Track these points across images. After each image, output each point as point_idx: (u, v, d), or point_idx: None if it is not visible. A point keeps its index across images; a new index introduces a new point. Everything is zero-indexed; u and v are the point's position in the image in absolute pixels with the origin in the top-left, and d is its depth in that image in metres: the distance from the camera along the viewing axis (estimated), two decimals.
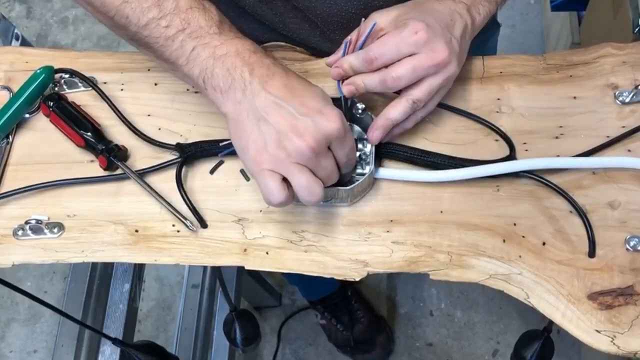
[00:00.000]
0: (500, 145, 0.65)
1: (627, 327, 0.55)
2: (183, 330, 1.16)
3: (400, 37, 0.58)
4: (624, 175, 0.62)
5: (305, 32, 0.73)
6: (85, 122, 0.66)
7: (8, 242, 0.63)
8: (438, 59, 0.58)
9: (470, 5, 0.63)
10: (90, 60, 0.73)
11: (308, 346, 1.55)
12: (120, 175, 0.65)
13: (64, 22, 2.04)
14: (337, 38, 0.72)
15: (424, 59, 0.57)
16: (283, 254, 0.61)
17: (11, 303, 1.63)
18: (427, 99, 0.60)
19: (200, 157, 0.66)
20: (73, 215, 0.64)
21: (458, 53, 0.60)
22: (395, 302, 1.58)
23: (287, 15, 0.71)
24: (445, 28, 0.59)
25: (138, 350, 0.73)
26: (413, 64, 0.58)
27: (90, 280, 0.97)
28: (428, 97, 0.60)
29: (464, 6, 0.62)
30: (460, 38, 0.61)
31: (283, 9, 0.71)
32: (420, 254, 0.60)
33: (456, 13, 0.61)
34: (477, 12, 0.63)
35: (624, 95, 0.66)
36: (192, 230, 0.61)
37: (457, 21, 0.61)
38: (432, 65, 0.58)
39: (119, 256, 0.62)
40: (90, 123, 0.66)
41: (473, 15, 0.62)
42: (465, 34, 0.61)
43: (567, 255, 0.59)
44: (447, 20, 0.60)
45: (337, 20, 0.70)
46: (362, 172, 0.61)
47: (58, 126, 0.67)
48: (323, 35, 0.72)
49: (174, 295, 1.61)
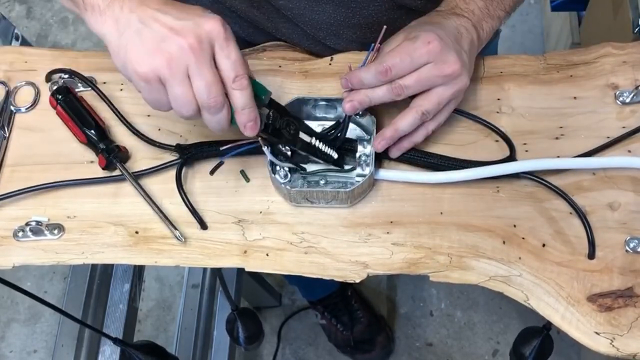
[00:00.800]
0: (501, 145, 0.65)
1: (626, 329, 0.55)
2: (183, 330, 1.16)
3: (413, 47, 0.58)
4: (623, 177, 0.62)
5: (297, 36, 0.73)
6: (90, 119, 0.66)
7: (8, 244, 0.63)
8: (449, 70, 0.58)
9: (475, 22, 0.63)
10: (89, 60, 0.73)
11: (308, 346, 1.55)
12: (119, 177, 0.65)
13: (64, 22, 2.04)
14: (330, 44, 0.71)
15: (432, 68, 0.58)
16: (283, 255, 0.61)
17: (11, 303, 1.63)
18: (436, 110, 0.60)
19: (200, 158, 0.66)
20: (73, 216, 0.64)
21: (468, 65, 0.60)
22: (395, 302, 1.58)
23: (279, 21, 0.71)
24: (455, 41, 0.60)
25: (138, 350, 0.73)
26: (419, 73, 0.58)
27: (90, 280, 0.97)
28: (437, 109, 0.60)
29: (469, 22, 0.63)
30: (469, 51, 0.61)
31: (275, 15, 0.71)
32: (420, 255, 0.60)
33: (463, 27, 0.62)
34: (481, 28, 0.64)
35: (625, 95, 0.66)
36: (180, 240, 0.61)
37: (464, 35, 0.62)
38: (442, 75, 0.58)
39: (119, 258, 0.62)
40: (94, 121, 0.66)
41: (478, 31, 0.63)
42: (472, 48, 0.62)
43: (567, 256, 0.59)
44: (455, 34, 0.61)
45: (326, 27, 0.70)
46: (362, 174, 0.61)
47: (63, 120, 0.67)
48: (315, 40, 0.72)
49: (174, 295, 1.61)
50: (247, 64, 0.54)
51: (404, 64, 0.58)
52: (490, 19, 0.65)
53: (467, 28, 0.62)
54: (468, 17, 0.63)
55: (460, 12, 0.63)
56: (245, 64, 0.53)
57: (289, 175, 0.61)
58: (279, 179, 0.60)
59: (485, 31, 0.64)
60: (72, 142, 0.68)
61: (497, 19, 0.66)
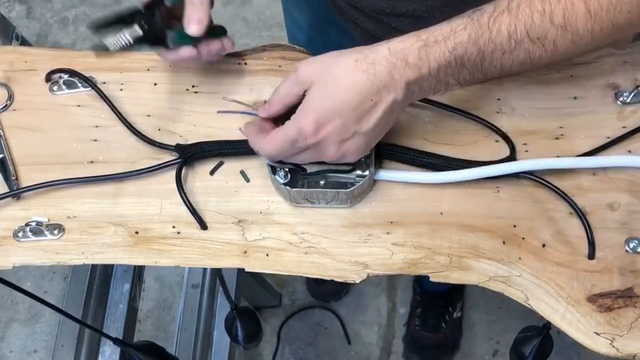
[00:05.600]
0: (501, 145, 0.65)
1: (626, 330, 0.55)
2: (183, 330, 1.15)
3: (285, 130, 0.54)
4: (623, 177, 0.62)
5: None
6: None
7: (8, 244, 0.63)
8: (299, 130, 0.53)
9: (417, 64, 0.51)
10: (89, 60, 0.73)
11: (308, 346, 1.55)
12: (119, 176, 0.65)
13: (64, 22, 2.04)
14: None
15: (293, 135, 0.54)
16: (283, 255, 0.61)
17: (11, 303, 1.63)
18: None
19: (200, 158, 0.66)
20: (73, 216, 0.64)
21: (360, 147, 0.56)
22: (395, 302, 1.58)
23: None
24: (354, 121, 0.52)
25: (138, 350, 0.73)
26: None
27: (90, 280, 0.97)
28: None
29: (399, 65, 0.51)
30: (374, 125, 0.53)
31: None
32: (420, 255, 0.60)
33: (384, 90, 0.51)
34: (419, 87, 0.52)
35: (625, 95, 0.66)
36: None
37: (380, 104, 0.52)
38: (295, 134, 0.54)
39: (119, 258, 0.62)
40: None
41: (411, 89, 0.52)
42: (390, 113, 0.53)
43: (567, 257, 0.59)
44: (360, 111, 0.52)
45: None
46: (362, 174, 0.61)
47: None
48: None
49: (174, 295, 1.61)
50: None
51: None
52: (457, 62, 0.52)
53: (392, 86, 0.51)
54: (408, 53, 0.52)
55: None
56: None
57: (288, 176, 0.61)
58: (279, 180, 0.60)
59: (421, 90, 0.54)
60: (72, 142, 0.68)
61: (479, 67, 0.53)
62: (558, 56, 0.51)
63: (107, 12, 0.57)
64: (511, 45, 0.50)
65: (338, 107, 0.52)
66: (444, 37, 0.51)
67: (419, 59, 0.51)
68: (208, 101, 0.69)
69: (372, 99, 0.52)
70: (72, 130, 0.69)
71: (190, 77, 0.71)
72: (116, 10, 0.63)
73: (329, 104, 0.52)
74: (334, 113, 0.52)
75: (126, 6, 1.84)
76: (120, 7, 2.01)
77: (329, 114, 0.52)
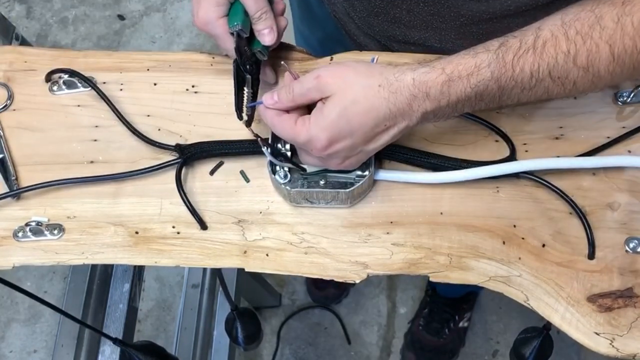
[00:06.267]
0: (501, 145, 0.65)
1: (626, 330, 0.55)
2: (183, 330, 1.15)
3: (296, 131, 0.54)
4: (623, 177, 0.62)
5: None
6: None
7: (8, 244, 0.63)
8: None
9: (438, 98, 0.51)
10: (89, 60, 0.73)
11: (308, 346, 1.55)
12: (119, 176, 0.65)
13: (63, 22, 2.04)
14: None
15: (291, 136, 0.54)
16: (283, 255, 0.61)
17: (11, 303, 1.63)
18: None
19: (200, 158, 0.66)
20: (73, 216, 0.64)
21: (362, 161, 0.58)
22: (395, 302, 1.58)
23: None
24: (363, 142, 0.54)
25: (138, 350, 0.73)
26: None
27: (90, 280, 0.97)
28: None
29: (420, 97, 0.51)
30: (381, 146, 0.55)
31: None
32: (420, 255, 0.60)
33: (400, 117, 0.52)
34: (436, 101, 0.52)
35: (624, 95, 0.66)
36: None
37: (392, 129, 0.53)
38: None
39: (119, 258, 0.62)
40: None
41: (427, 117, 0.53)
42: (398, 135, 0.55)
43: (567, 257, 0.59)
44: (371, 134, 0.53)
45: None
46: (362, 174, 0.61)
47: None
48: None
49: (174, 295, 1.61)
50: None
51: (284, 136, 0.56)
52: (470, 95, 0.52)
53: (407, 113, 0.52)
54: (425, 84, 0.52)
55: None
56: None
57: (288, 176, 0.61)
58: (279, 180, 0.60)
59: (443, 104, 0.53)
60: (72, 142, 0.68)
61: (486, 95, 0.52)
62: (575, 93, 0.52)
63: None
64: (532, 84, 0.51)
65: (353, 128, 0.52)
66: (468, 74, 0.51)
67: (440, 93, 0.51)
68: (208, 101, 0.69)
69: (386, 124, 0.53)
70: (72, 130, 0.69)
71: (190, 77, 0.71)
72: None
73: (344, 124, 0.52)
74: (347, 133, 0.53)
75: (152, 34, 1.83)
76: (120, 7, 2.01)
77: (343, 134, 0.53)
